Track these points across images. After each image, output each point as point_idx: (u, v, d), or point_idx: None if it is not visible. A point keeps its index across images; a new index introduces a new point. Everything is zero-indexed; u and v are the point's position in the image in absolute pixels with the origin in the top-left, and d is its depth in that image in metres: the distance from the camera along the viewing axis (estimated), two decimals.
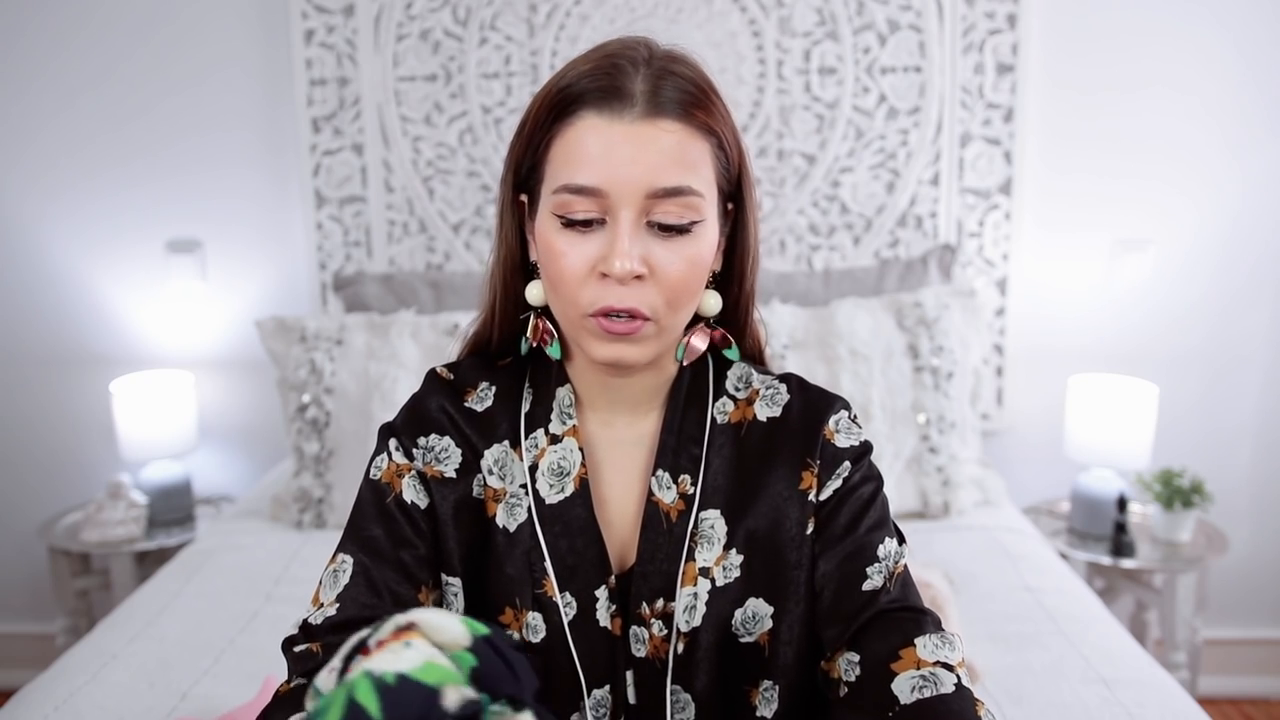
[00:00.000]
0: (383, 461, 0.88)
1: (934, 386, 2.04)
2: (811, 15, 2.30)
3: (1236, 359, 2.41)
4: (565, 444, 0.87)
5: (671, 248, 0.79)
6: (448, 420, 0.88)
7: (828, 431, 0.88)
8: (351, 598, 0.82)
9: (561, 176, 0.78)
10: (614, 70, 0.78)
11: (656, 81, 0.78)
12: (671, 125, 0.77)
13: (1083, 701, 1.34)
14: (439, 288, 2.27)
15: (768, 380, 0.91)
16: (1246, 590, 2.50)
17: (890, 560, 0.85)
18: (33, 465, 2.59)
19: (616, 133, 0.77)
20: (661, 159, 0.77)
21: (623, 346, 0.80)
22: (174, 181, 2.45)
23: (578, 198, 0.77)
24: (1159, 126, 2.32)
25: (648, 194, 0.77)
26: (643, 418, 0.89)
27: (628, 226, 0.77)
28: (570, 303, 0.80)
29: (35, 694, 1.41)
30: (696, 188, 0.78)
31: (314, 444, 2.05)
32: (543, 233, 0.81)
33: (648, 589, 0.84)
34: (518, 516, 0.86)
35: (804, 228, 2.38)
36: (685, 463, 0.87)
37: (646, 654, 0.84)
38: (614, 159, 0.76)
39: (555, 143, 0.79)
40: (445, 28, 2.34)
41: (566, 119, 0.79)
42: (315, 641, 0.81)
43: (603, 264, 0.77)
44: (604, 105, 0.77)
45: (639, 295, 0.78)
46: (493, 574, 0.86)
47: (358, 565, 0.84)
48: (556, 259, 0.79)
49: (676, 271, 0.79)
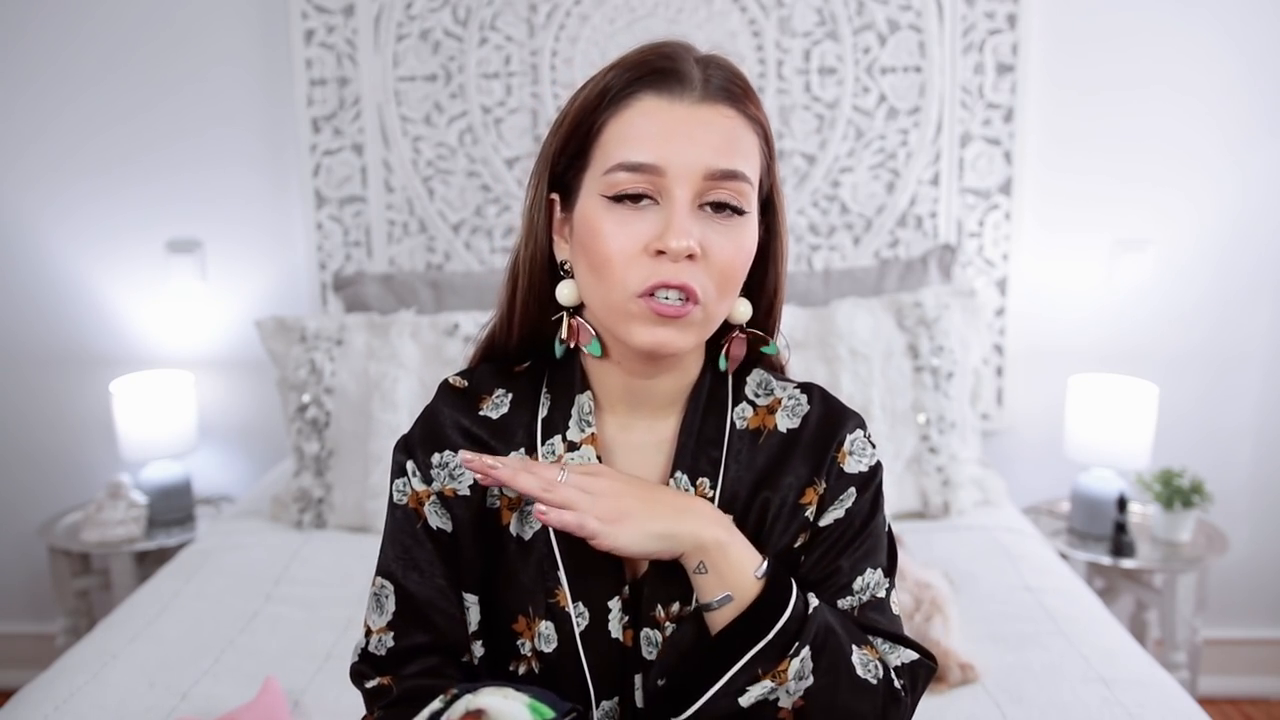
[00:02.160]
0: (404, 486, 0.87)
1: (934, 386, 2.04)
2: (811, 15, 2.30)
3: (1236, 359, 2.41)
4: (583, 452, 0.86)
5: (722, 231, 0.79)
6: (461, 433, 0.87)
7: (840, 453, 0.87)
8: (402, 626, 0.85)
9: (616, 156, 0.78)
10: (671, 56, 0.80)
11: (707, 69, 0.80)
12: (728, 111, 0.79)
13: (1083, 701, 1.34)
14: (439, 288, 2.27)
15: (789, 390, 0.90)
16: (1246, 590, 2.50)
17: (866, 593, 0.85)
18: (33, 465, 2.59)
19: (677, 113, 0.78)
20: (721, 140, 0.78)
21: (669, 331, 0.79)
22: (174, 181, 2.45)
23: (633, 175, 0.77)
24: (1159, 126, 2.32)
25: (705, 175, 0.77)
26: (661, 421, 0.88)
27: (684, 206, 0.77)
28: (618, 285, 0.78)
29: (35, 694, 1.41)
30: (748, 174, 0.80)
31: (314, 444, 2.05)
32: (587, 217, 0.80)
33: (663, 592, 0.83)
34: (532, 525, 0.85)
35: (804, 228, 2.38)
36: (705, 466, 0.86)
37: (659, 657, 0.83)
38: (673, 137, 0.77)
39: (608, 127, 0.80)
40: (445, 28, 2.34)
41: (621, 102, 0.79)
42: (385, 675, 0.85)
43: (657, 241, 0.77)
44: (663, 87, 0.78)
45: (691, 274, 0.78)
46: (507, 583, 0.85)
47: (400, 591, 0.85)
48: (604, 240, 0.78)
49: (727, 255, 0.79)
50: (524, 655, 0.84)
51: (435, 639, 0.85)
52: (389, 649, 0.85)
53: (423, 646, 0.84)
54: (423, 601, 0.85)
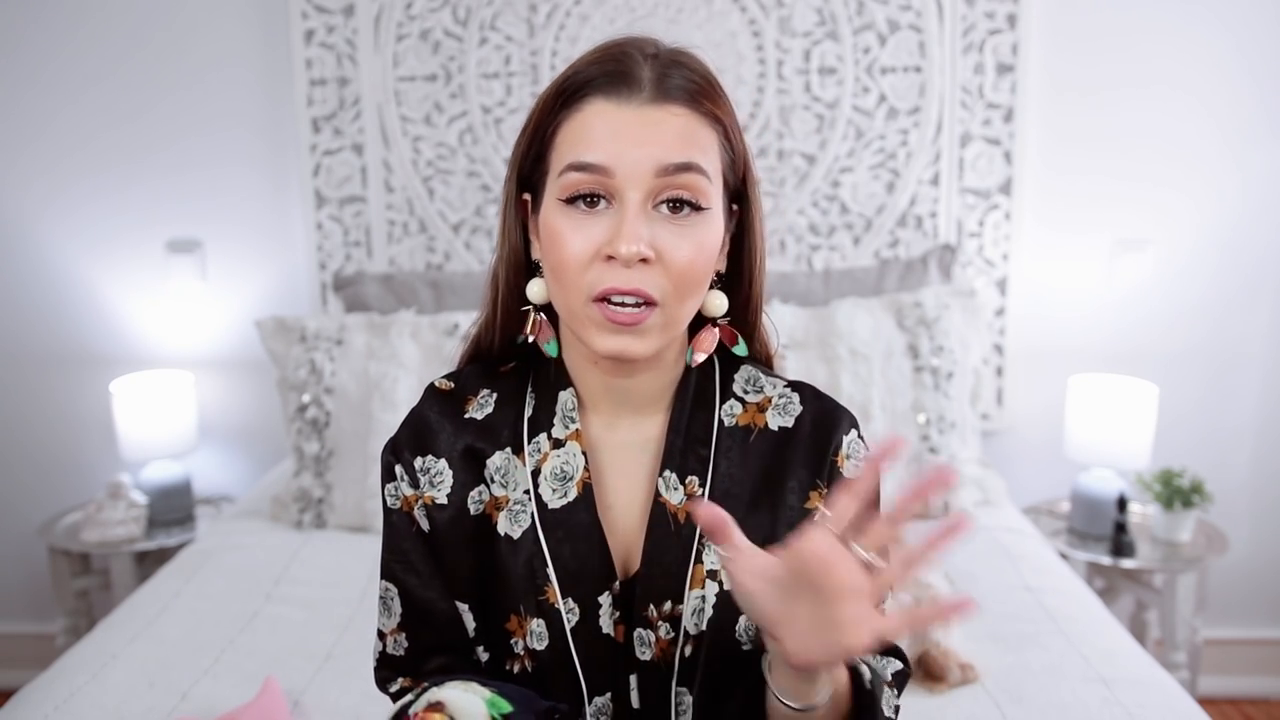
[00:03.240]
0: (396, 490, 0.88)
1: (934, 386, 2.04)
2: (811, 15, 2.30)
3: (1236, 359, 2.41)
4: (568, 448, 0.86)
5: (679, 232, 0.78)
6: (445, 437, 0.88)
7: (839, 456, 0.87)
8: (412, 627, 0.88)
9: (568, 157, 0.78)
10: (622, 58, 0.79)
11: (664, 70, 0.79)
12: (679, 110, 0.78)
13: (1083, 701, 1.35)
14: (439, 288, 2.27)
15: (779, 387, 0.90)
16: (1246, 590, 2.50)
17: None
18: (33, 465, 2.59)
19: (625, 115, 0.77)
20: (670, 137, 0.77)
21: (626, 339, 0.78)
22: (174, 181, 2.45)
23: (584, 176, 0.77)
24: (1159, 126, 2.32)
25: (656, 172, 0.76)
26: (647, 420, 0.88)
27: (634, 208, 0.77)
28: (573, 288, 0.79)
29: (35, 694, 1.42)
30: (704, 167, 0.78)
31: (314, 444, 2.05)
32: (546, 220, 0.80)
33: (655, 591, 0.83)
34: (521, 523, 0.85)
35: (804, 228, 2.39)
36: (693, 464, 0.86)
37: (652, 657, 0.83)
38: (622, 139, 0.76)
39: (562, 129, 0.79)
40: (445, 28, 2.34)
41: (574, 105, 0.79)
42: (407, 676, 0.88)
43: (608, 246, 0.76)
44: (612, 90, 0.78)
45: (644, 278, 0.77)
46: (497, 582, 0.85)
47: (404, 594, 0.88)
48: (559, 243, 0.78)
49: (683, 256, 0.78)
50: (517, 654, 0.85)
51: (443, 639, 0.87)
52: (406, 649, 0.88)
53: (435, 645, 0.87)
54: (425, 603, 0.87)
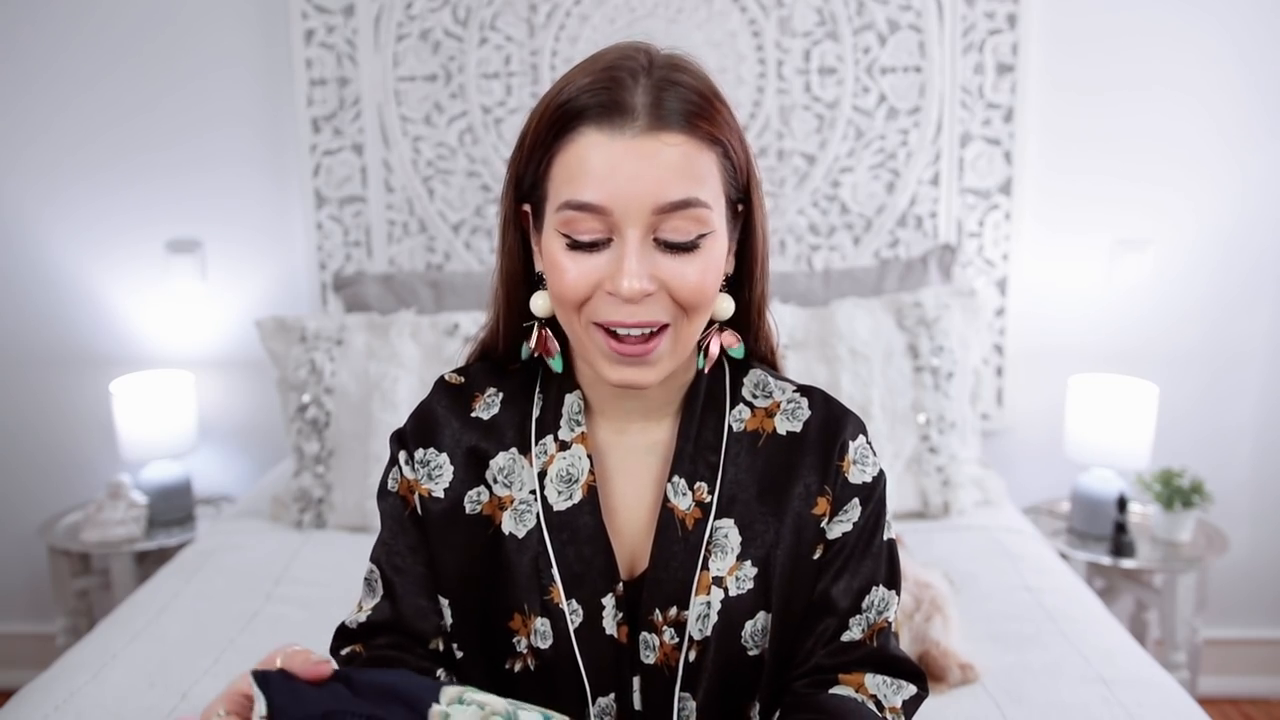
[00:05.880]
0: (396, 474, 0.89)
1: (934, 386, 2.04)
2: (811, 15, 2.30)
3: (1236, 359, 2.41)
4: (574, 451, 0.86)
5: (681, 262, 0.77)
6: (449, 432, 0.88)
7: (845, 462, 0.86)
8: (379, 606, 0.89)
9: (564, 193, 0.76)
10: (613, 83, 0.75)
11: (658, 93, 0.75)
12: (675, 138, 0.75)
13: (1083, 701, 1.35)
14: (439, 288, 2.27)
15: (788, 392, 0.90)
16: (1246, 590, 2.50)
17: (873, 612, 0.85)
18: (33, 465, 2.59)
19: (619, 148, 0.74)
20: (666, 173, 0.74)
21: (635, 370, 0.78)
22: (174, 181, 2.45)
23: (582, 215, 0.75)
24: (1159, 126, 2.32)
25: (654, 210, 0.74)
26: (656, 424, 0.88)
27: (634, 245, 0.75)
28: (577, 319, 0.79)
29: (35, 694, 1.42)
30: (704, 199, 0.76)
31: (314, 444, 2.05)
32: (548, 248, 0.79)
33: (660, 596, 0.83)
34: (526, 523, 0.85)
35: (804, 228, 2.39)
36: (702, 470, 0.86)
37: (656, 661, 0.83)
38: (617, 175, 0.74)
39: (557, 159, 0.77)
40: (445, 28, 2.34)
41: (567, 135, 0.76)
42: (356, 643, 0.89)
43: (609, 283, 0.76)
44: (604, 120, 0.74)
45: (650, 309, 0.77)
46: (501, 580, 0.85)
47: (385, 577, 0.89)
48: (560, 275, 0.78)
49: (688, 286, 0.77)
50: (520, 653, 0.85)
51: (403, 621, 0.87)
52: (360, 624, 0.89)
53: (392, 624, 0.88)
54: (400, 587, 0.88)
